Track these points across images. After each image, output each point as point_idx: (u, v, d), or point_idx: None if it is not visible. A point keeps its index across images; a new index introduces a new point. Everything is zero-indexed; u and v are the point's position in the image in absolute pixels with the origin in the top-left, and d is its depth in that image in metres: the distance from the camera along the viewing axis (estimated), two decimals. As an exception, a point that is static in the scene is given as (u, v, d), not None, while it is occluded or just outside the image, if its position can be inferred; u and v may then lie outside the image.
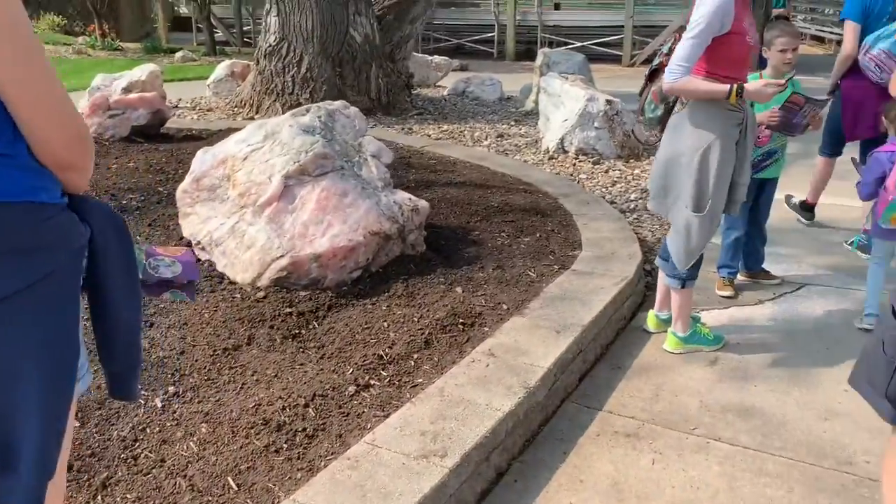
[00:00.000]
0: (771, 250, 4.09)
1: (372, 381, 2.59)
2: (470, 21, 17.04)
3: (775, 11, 13.96)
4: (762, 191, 3.74)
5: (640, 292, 3.69)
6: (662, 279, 3.23)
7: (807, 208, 4.96)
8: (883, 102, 3.83)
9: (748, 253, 3.87)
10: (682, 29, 2.85)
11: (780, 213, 4.88)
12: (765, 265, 3.94)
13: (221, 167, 3.53)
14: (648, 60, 11.58)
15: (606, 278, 3.48)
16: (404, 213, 3.48)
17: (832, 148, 4.82)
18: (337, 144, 3.58)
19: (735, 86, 2.70)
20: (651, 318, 3.39)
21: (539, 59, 8.43)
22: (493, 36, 16.16)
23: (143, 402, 2.42)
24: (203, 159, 3.61)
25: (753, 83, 2.72)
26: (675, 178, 2.94)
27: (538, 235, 4.04)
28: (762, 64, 3.72)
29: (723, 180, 2.85)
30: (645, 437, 2.58)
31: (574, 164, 6.06)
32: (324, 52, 7.43)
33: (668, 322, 3.25)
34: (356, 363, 2.68)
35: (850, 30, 4.34)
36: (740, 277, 3.90)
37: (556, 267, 3.63)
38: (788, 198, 5.04)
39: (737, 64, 2.78)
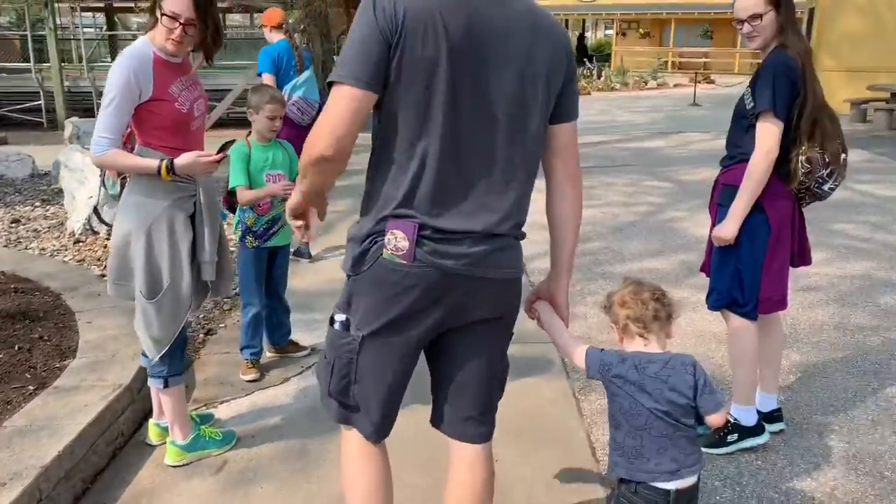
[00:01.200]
0: (304, 317, 3.92)
1: None
2: (11, 88, 14.79)
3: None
4: (274, 260, 3.51)
5: (148, 397, 3.16)
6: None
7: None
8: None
9: (272, 327, 3.60)
10: None
11: (312, 277, 4.81)
12: (293, 336, 3.72)
13: None
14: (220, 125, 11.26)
15: (96, 391, 2.88)
16: None
17: None
18: None
19: (164, 162, 2.39)
20: (152, 429, 2.88)
21: (68, 130, 7.43)
22: (41, 104, 14.25)
23: None
24: None
25: (185, 156, 2.42)
26: (131, 260, 2.50)
27: (17, 349, 3.24)
28: None
29: (178, 260, 2.49)
30: None
31: (105, 247, 5.30)
32: None
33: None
34: None
35: (267, 80, 4.79)
36: (268, 355, 3.62)
37: (31, 388, 2.91)
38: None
39: (169, 132, 2.46)
